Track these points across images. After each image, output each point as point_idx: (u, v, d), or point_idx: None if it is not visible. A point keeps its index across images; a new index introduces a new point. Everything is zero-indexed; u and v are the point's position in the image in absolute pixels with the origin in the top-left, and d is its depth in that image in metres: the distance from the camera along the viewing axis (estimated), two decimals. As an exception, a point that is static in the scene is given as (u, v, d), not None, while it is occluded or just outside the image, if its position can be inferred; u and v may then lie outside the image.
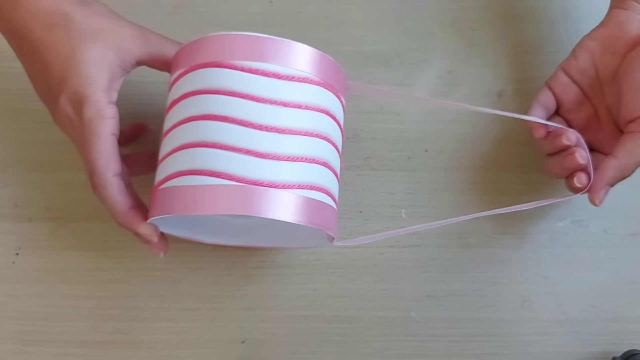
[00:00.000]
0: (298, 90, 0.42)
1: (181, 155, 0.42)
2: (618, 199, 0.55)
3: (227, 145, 0.41)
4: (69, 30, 0.44)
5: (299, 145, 0.42)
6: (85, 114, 0.43)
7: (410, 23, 0.58)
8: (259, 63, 0.42)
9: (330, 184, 0.44)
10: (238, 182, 0.40)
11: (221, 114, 0.41)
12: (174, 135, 0.43)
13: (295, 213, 0.41)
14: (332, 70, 0.45)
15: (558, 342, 0.53)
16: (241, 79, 0.41)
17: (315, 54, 0.44)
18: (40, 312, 0.53)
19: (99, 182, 0.44)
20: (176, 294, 0.54)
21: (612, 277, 0.54)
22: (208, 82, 0.42)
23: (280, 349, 0.53)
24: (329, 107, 0.44)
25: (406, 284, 0.54)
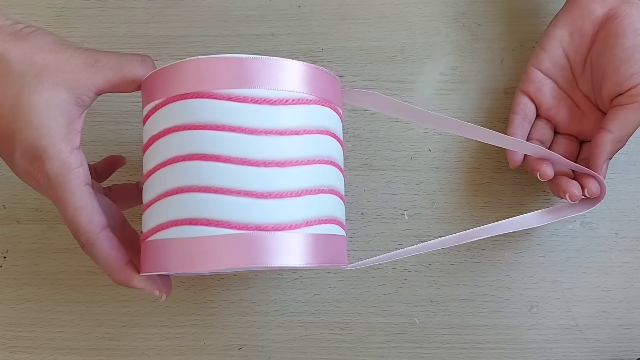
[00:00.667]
0: (294, 113, 0.38)
1: (170, 202, 0.37)
2: (629, 201, 0.54)
3: (222, 188, 0.36)
4: (7, 75, 0.38)
5: (302, 176, 0.38)
6: (48, 170, 0.38)
7: (414, 18, 0.57)
8: (247, 90, 0.37)
9: (338, 210, 0.41)
10: (239, 229, 0.36)
11: (211, 152, 0.37)
12: (159, 177, 0.38)
13: (305, 256, 0.37)
14: (327, 83, 0.41)
15: (567, 349, 0.52)
16: (228, 109, 0.37)
17: (307, 69, 0.39)
18: (29, 317, 0.53)
19: (87, 241, 0.39)
20: (170, 299, 0.53)
21: (623, 282, 0.53)
22: (191, 116, 0.37)
23: (278, 356, 0.52)
24: (329, 125, 0.41)
25: (408, 289, 0.53)
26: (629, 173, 0.54)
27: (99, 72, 0.40)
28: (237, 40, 0.57)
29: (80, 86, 0.39)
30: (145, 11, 0.58)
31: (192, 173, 0.37)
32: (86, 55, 0.40)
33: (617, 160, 0.54)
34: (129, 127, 0.55)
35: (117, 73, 0.40)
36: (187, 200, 0.37)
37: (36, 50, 0.38)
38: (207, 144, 0.37)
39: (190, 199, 0.37)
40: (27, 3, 0.58)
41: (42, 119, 0.38)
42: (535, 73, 0.51)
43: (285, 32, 0.57)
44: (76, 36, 0.57)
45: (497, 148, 0.55)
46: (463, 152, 0.55)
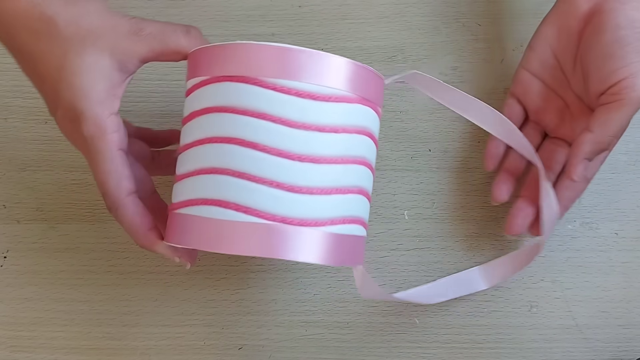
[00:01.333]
0: (335, 111, 0.38)
1: (203, 180, 0.38)
2: (629, 201, 0.54)
3: (255, 176, 0.37)
4: (55, 38, 0.39)
5: (334, 175, 0.38)
6: (84, 132, 0.39)
7: (414, 18, 0.57)
8: (293, 82, 0.37)
9: (363, 211, 0.41)
10: (266, 219, 0.36)
11: (250, 139, 0.37)
12: (196, 153, 0.39)
13: (325, 254, 0.37)
14: (371, 82, 0.40)
15: (566, 349, 0.52)
16: (271, 99, 0.37)
17: (353, 67, 0.39)
18: (29, 316, 0.53)
19: (112, 204, 0.40)
20: (171, 298, 0.53)
21: (623, 282, 0.53)
22: (235, 100, 0.38)
23: (278, 355, 0.52)
24: (368, 126, 0.40)
25: (409, 289, 0.53)
26: (629, 173, 0.54)
27: (143, 41, 0.40)
28: (238, 40, 0.57)
29: (123, 53, 0.40)
30: (146, 11, 0.58)
31: (228, 156, 0.37)
32: (131, 24, 0.41)
33: (617, 160, 0.54)
34: (130, 126, 0.55)
35: (160, 43, 0.41)
36: (220, 182, 0.37)
37: (83, 16, 0.39)
38: (247, 130, 0.37)
39: (223, 181, 0.37)
40: (27, 3, 0.58)
41: (83, 82, 0.39)
42: (523, 74, 0.50)
43: (286, 32, 0.57)
44: (77, 36, 0.57)
45: (497, 148, 0.55)
46: (463, 152, 0.55)
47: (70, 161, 0.55)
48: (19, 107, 0.56)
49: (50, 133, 0.56)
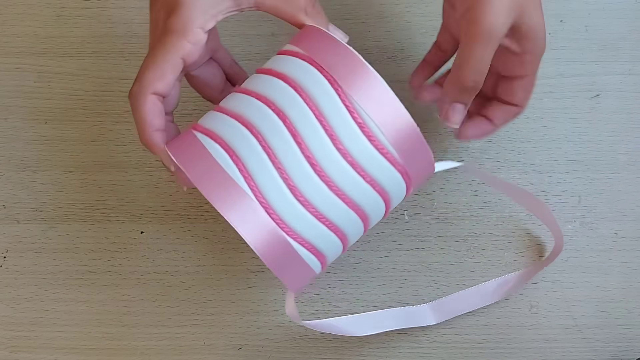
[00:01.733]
0: (378, 164, 0.39)
1: (235, 128, 0.38)
2: (629, 201, 0.54)
3: (277, 158, 0.37)
4: None
5: (335, 209, 0.39)
6: (168, 24, 0.40)
7: (414, 18, 0.57)
8: (366, 115, 0.38)
9: (332, 254, 0.41)
10: (254, 195, 0.37)
11: (296, 127, 0.38)
12: (247, 102, 0.39)
13: (265, 246, 0.37)
14: (423, 168, 0.40)
15: (566, 349, 0.52)
16: (340, 114, 0.38)
17: (420, 147, 0.39)
18: (29, 317, 0.53)
19: (136, 92, 0.41)
20: (171, 299, 0.53)
21: (623, 282, 0.53)
22: (311, 88, 0.38)
23: (278, 356, 0.52)
24: (392, 196, 0.41)
25: (409, 289, 0.53)
26: (629, 173, 0.54)
27: None
28: (238, 40, 0.57)
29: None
30: (146, 11, 0.57)
31: (268, 126, 0.38)
32: None
33: (617, 160, 0.54)
34: (129, 127, 0.55)
35: (285, 3, 0.42)
36: (246, 139, 0.38)
37: None
38: (300, 118, 0.38)
39: (249, 141, 0.38)
40: (27, 3, 0.58)
41: None
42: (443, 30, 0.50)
43: (286, 32, 0.57)
44: (76, 36, 0.57)
45: (497, 148, 0.55)
46: (463, 152, 0.55)
47: (70, 161, 0.55)
48: (19, 107, 0.56)
49: (50, 133, 0.55)
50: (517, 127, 0.55)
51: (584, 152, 0.55)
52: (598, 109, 0.56)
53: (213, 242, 0.54)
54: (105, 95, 0.56)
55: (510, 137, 0.55)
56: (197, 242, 0.54)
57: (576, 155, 0.55)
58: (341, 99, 0.38)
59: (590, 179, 0.54)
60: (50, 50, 0.57)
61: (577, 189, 0.54)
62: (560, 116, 0.55)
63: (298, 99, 0.38)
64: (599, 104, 0.56)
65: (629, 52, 0.57)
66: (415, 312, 0.52)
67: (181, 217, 0.54)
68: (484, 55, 0.41)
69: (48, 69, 0.56)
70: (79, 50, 0.57)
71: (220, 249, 0.53)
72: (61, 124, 0.56)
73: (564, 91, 0.56)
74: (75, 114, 0.56)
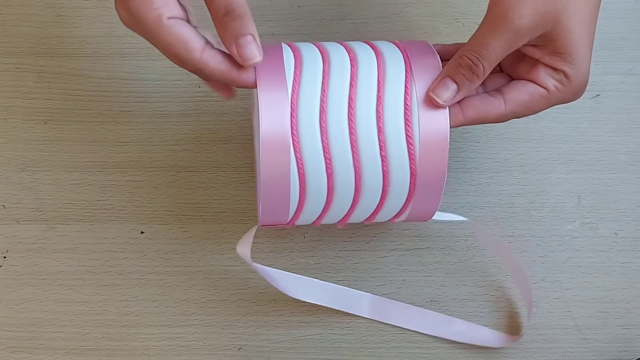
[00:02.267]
0: (397, 141, 0.42)
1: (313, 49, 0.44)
2: (629, 201, 0.54)
3: (329, 84, 0.42)
4: None
5: (341, 154, 0.42)
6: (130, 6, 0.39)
7: (414, 18, 0.57)
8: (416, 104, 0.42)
9: (312, 202, 0.44)
10: (291, 100, 0.41)
11: (359, 75, 0.42)
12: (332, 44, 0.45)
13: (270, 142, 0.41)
14: (430, 188, 0.43)
15: (566, 349, 0.52)
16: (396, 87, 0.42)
17: (442, 157, 0.42)
18: (28, 317, 0.53)
19: (194, 68, 0.41)
20: (170, 299, 0.53)
21: (623, 282, 0.53)
22: (389, 59, 0.43)
23: (278, 356, 0.52)
24: (390, 191, 0.43)
25: (408, 289, 0.53)
26: (629, 173, 0.54)
27: None
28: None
29: None
30: (145, 11, 0.58)
31: (339, 63, 0.43)
32: None
33: (617, 160, 0.54)
34: (129, 127, 0.55)
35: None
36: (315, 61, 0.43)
37: None
38: (365, 71, 0.43)
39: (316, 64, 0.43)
40: (27, 3, 0.58)
41: None
42: None
43: (286, 32, 0.57)
44: (76, 36, 0.57)
45: (497, 148, 0.55)
46: (463, 152, 0.55)
47: (70, 161, 0.55)
48: (18, 107, 0.56)
49: (50, 133, 0.55)
50: (517, 127, 0.55)
51: (584, 152, 0.55)
52: (598, 109, 0.56)
53: (213, 242, 0.54)
54: (105, 95, 0.56)
55: (510, 137, 0.55)
56: (197, 242, 0.54)
57: (576, 155, 0.55)
58: (406, 80, 0.42)
59: (590, 179, 0.54)
60: (50, 50, 0.57)
61: (577, 189, 0.54)
62: (560, 116, 0.55)
63: (373, 58, 0.43)
64: (599, 104, 0.56)
65: (629, 52, 0.57)
66: (353, 298, 0.52)
67: (181, 217, 0.54)
68: (490, 40, 0.41)
69: (48, 69, 0.56)
70: (78, 50, 0.57)
71: (220, 249, 0.53)
72: (61, 124, 0.56)
73: (564, 91, 0.56)
74: (74, 114, 0.56)
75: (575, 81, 0.43)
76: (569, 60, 0.43)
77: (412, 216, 0.45)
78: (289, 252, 0.54)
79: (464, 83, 0.42)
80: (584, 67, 0.43)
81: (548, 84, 0.44)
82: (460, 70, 0.42)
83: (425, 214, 0.45)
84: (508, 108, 0.44)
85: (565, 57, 0.43)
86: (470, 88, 0.43)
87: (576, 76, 0.43)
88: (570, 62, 0.43)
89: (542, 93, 0.44)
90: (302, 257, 0.53)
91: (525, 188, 0.54)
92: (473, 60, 0.42)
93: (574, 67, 0.43)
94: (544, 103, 0.44)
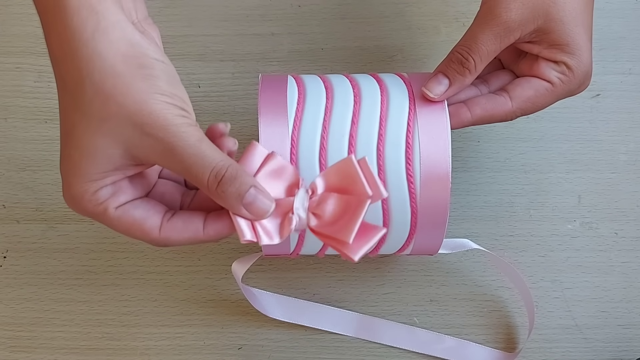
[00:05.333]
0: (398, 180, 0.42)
1: (318, 82, 0.44)
2: (629, 201, 0.54)
3: (331, 121, 0.42)
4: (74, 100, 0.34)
5: None
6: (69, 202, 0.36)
7: (414, 18, 0.57)
8: (418, 141, 0.42)
9: None
10: (292, 133, 0.42)
11: (361, 111, 0.42)
12: (338, 77, 0.45)
13: None
14: (433, 226, 0.43)
15: (566, 349, 0.52)
16: (398, 125, 0.42)
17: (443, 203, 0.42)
18: (29, 316, 0.53)
19: (157, 245, 0.38)
20: (171, 299, 0.53)
21: (623, 282, 0.53)
22: (393, 94, 0.43)
23: (278, 355, 0.52)
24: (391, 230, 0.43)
25: (408, 288, 0.53)
26: (629, 173, 0.54)
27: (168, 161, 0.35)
28: (237, 39, 0.57)
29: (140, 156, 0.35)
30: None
31: (343, 99, 0.43)
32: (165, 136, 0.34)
33: (617, 160, 0.54)
34: (129, 126, 0.55)
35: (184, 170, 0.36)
36: (318, 96, 0.43)
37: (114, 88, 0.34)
38: (368, 108, 0.43)
39: (319, 99, 0.43)
40: (27, 3, 0.58)
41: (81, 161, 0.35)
42: None
43: (286, 31, 0.57)
44: (76, 36, 0.57)
45: (497, 147, 0.55)
46: (463, 152, 0.55)
47: (69, 161, 0.55)
48: (19, 107, 0.56)
49: (50, 133, 0.55)
50: (517, 127, 0.55)
51: (584, 151, 0.55)
52: (598, 108, 0.56)
53: (213, 242, 0.54)
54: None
55: (510, 137, 0.55)
56: (197, 242, 0.54)
57: (576, 155, 0.55)
58: (408, 117, 0.42)
59: (590, 179, 0.54)
60: (50, 50, 0.57)
61: (577, 189, 0.54)
62: (560, 116, 0.55)
63: (377, 94, 0.43)
64: (599, 103, 0.56)
65: (629, 51, 0.57)
66: (340, 318, 0.52)
67: (181, 217, 0.54)
68: (479, 35, 0.42)
69: (48, 69, 0.56)
70: (78, 50, 0.57)
71: (220, 249, 0.53)
72: (61, 124, 0.56)
73: (564, 91, 0.56)
74: (75, 113, 0.56)
75: (577, 71, 0.44)
76: (567, 51, 0.43)
77: (417, 250, 0.45)
78: (289, 251, 0.53)
79: (455, 77, 0.43)
80: (585, 57, 0.43)
81: (551, 76, 0.44)
82: (451, 65, 0.43)
83: (431, 248, 0.45)
84: (515, 105, 0.44)
85: (563, 49, 0.43)
86: (462, 83, 0.43)
87: (578, 66, 0.43)
88: (569, 53, 0.43)
89: (547, 87, 0.44)
90: (302, 256, 0.53)
91: (526, 188, 0.54)
92: (463, 55, 0.43)
93: (574, 57, 0.43)
94: (550, 96, 0.44)
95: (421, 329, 0.52)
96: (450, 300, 0.53)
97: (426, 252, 0.46)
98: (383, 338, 0.52)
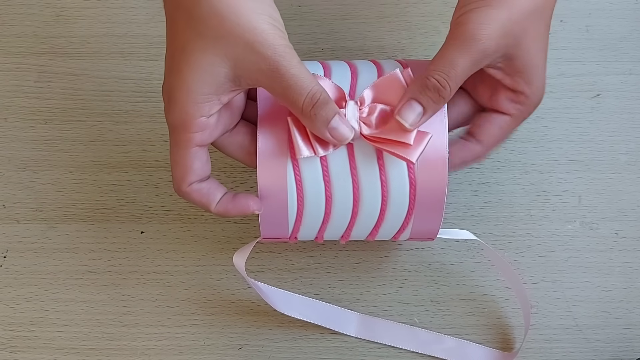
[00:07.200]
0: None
1: None
2: (629, 201, 0.54)
3: None
4: (189, 20, 0.38)
5: (341, 176, 0.43)
6: (169, 117, 0.40)
7: (414, 18, 0.57)
8: None
9: (309, 223, 0.45)
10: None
11: None
12: None
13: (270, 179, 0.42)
14: (430, 212, 0.44)
15: (567, 349, 0.52)
16: None
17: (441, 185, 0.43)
18: (29, 317, 0.52)
19: (177, 191, 0.43)
20: (171, 299, 0.53)
21: (624, 282, 0.53)
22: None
23: (278, 356, 0.52)
24: (388, 213, 0.44)
25: (409, 289, 0.53)
26: (629, 173, 0.54)
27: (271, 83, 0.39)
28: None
29: (245, 76, 0.39)
30: (145, 11, 0.58)
31: None
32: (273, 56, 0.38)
33: (617, 160, 0.54)
34: (129, 127, 0.55)
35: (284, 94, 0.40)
36: None
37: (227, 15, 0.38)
38: None
39: None
40: (27, 3, 0.58)
41: (190, 76, 0.39)
42: None
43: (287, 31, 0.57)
44: (76, 36, 0.57)
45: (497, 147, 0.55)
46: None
47: (70, 161, 0.55)
48: (19, 107, 0.56)
49: (50, 133, 0.55)
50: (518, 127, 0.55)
51: (584, 152, 0.55)
52: (599, 108, 0.56)
53: (213, 242, 0.54)
54: (105, 95, 0.56)
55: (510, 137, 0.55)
56: (197, 242, 0.54)
57: (577, 155, 0.55)
58: None
59: (590, 179, 0.54)
60: (50, 50, 0.57)
61: (578, 189, 0.54)
62: (560, 116, 0.55)
63: (375, 75, 0.43)
64: (600, 103, 0.56)
65: (629, 51, 0.57)
66: (342, 316, 0.52)
67: (181, 217, 0.54)
68: (457, 60, 0.40)
69: (48, 69, 0.56)
70: (79, 50, 0.57)
71: (220, 249, 0.53)
72: (61, 124, 0.56)
73: (564, 91, 0.56)
74: (75, 114, 0.56)
75: (533, 98, 0.43)
76: (526, 79, 0.42)
77: (415, 233, 0.46)
78: (289, 251, 0.53)
79: (429, 105, 0.40)
80: (541, 84, 0.43)
81: (510, 109, 0.44)
82: (427, 93, 0.40)
83: (429, 230, 0.45)
84: (485, 148, 0.45)
85: (523, 76, 0.42)
86: (435, 110, 0.41)
87: (534, 93, 0.43)
88: (528, 81, 0.42)
89: (508, 120, 0.44)
90: (302, 257, 0.53)
91: (526, 188, 0.54)
92: (441, 82, 0.40)
93: (532, 86, 0.43)
94: (510, 128, 0.45)
95: (421, 329, 0.52)
96: (450, 300, 0.52)
97: (425, 236, 0.46)
98: (383, 338, 0.52)
